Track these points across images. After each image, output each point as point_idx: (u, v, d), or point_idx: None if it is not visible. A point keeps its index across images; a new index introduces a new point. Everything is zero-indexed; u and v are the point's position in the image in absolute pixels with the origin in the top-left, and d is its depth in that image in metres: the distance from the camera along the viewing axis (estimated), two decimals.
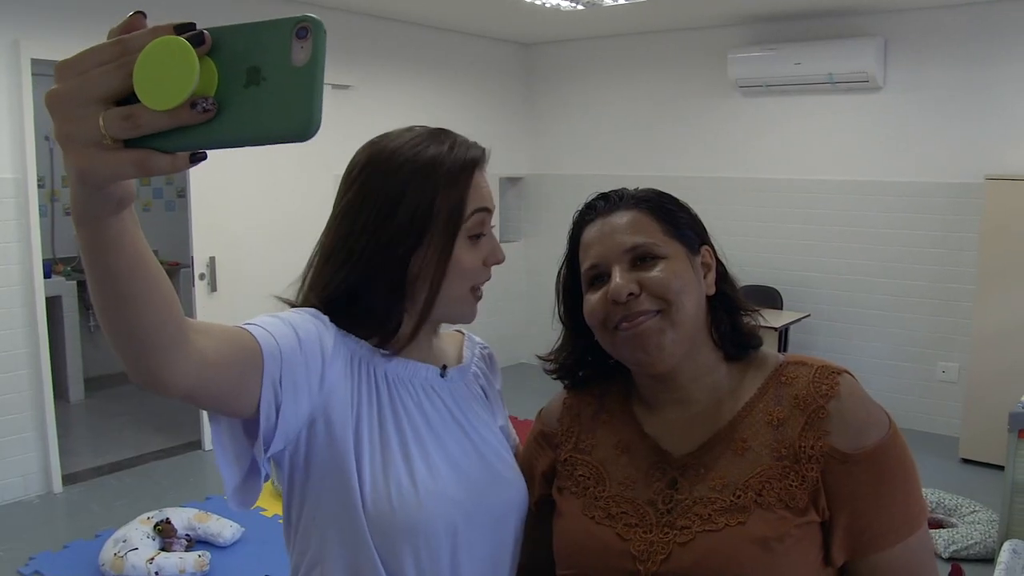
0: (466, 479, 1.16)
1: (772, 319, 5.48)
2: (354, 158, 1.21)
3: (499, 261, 1.21)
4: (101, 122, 0.59)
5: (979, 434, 5.08)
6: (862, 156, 5.83)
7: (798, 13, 5.81)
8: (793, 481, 1.06)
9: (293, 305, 1.19)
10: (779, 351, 5.43)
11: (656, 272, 1.13)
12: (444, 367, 1.25)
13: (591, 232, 1.20)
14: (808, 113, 6.03)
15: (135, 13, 0.61)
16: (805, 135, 6.07)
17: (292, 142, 0.60)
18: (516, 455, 1.32)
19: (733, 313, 1.21)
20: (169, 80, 0.58)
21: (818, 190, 6.04)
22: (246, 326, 1.01)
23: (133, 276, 0.73)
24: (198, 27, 0.60)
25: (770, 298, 6.01)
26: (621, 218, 1.18)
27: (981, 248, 5.11)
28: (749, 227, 6.33)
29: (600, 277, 1.16)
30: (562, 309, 1.27)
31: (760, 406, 1.13)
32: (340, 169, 1.21)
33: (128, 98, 0.60)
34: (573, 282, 1.23)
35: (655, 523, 1.10)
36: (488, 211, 1.19)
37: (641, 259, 1.14)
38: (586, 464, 1.22)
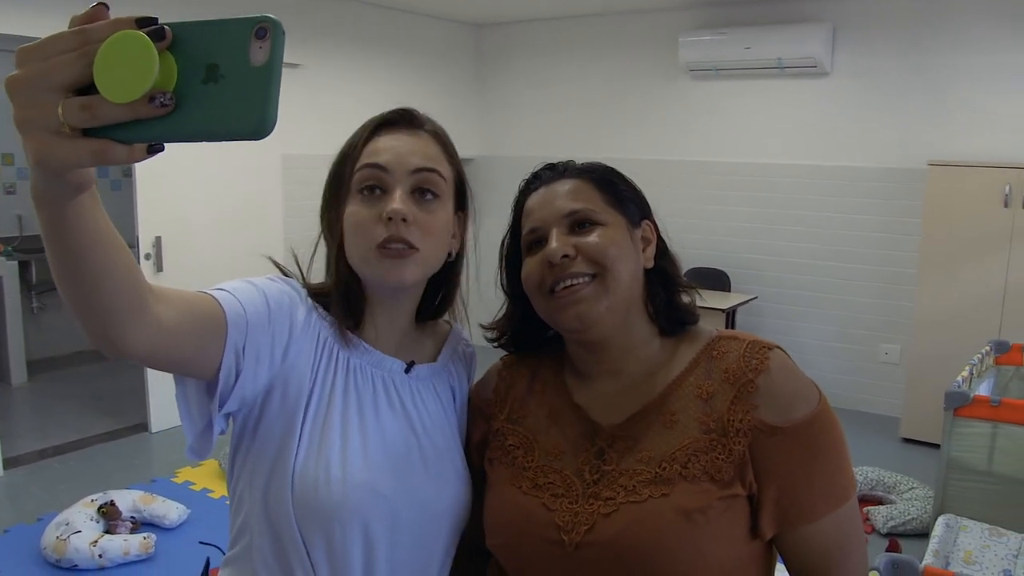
0: (401, 476, 1.15)
1: (720, 301, 5.57)
2: None
3: (394, 213, 1.12)
4: (60, 111, 0.60)
5: (919, 414, 5.22)
6: (809, 141, 5.92)
7: None
8: (720, 454, 1.07)
9: (286, 273, 1.22)
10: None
11: (593, 237, 1.14)
12: (411, 363, 1.24)
13: (534, 199, 1.22)
14: (757, 97, 6.10)
15: (98, 4, 0.61)
16: (754, 119, 6.14)
17: (247, 139, 0.61)
18: None
19: (670, 289, 1.22)
20: (128, 74, 0.59)
21: (766, 174, 6.12)
22: (214, 291, 1.04)
23: (92, 253, 0.75)
24: (160, 22, 0.61)
25: (718, 280, 6.07)
26: (563, 186, 1.20)
27: (924, 233, 5.22)
28: (698, 210, 6.38)
29: (539, 242, 1.18)
30: (504, 277, 1.29)
31: (691, 379, 1.14)
32: (290, 149, 1.22)
33: (88, 87, 0.60)
34: (515, 250, 1.25)
35: (581, 494, 1.11)
36: (377, 167, 1.15)
37: (580, 224, 1.16)
38: (516, 434, 1.22)
